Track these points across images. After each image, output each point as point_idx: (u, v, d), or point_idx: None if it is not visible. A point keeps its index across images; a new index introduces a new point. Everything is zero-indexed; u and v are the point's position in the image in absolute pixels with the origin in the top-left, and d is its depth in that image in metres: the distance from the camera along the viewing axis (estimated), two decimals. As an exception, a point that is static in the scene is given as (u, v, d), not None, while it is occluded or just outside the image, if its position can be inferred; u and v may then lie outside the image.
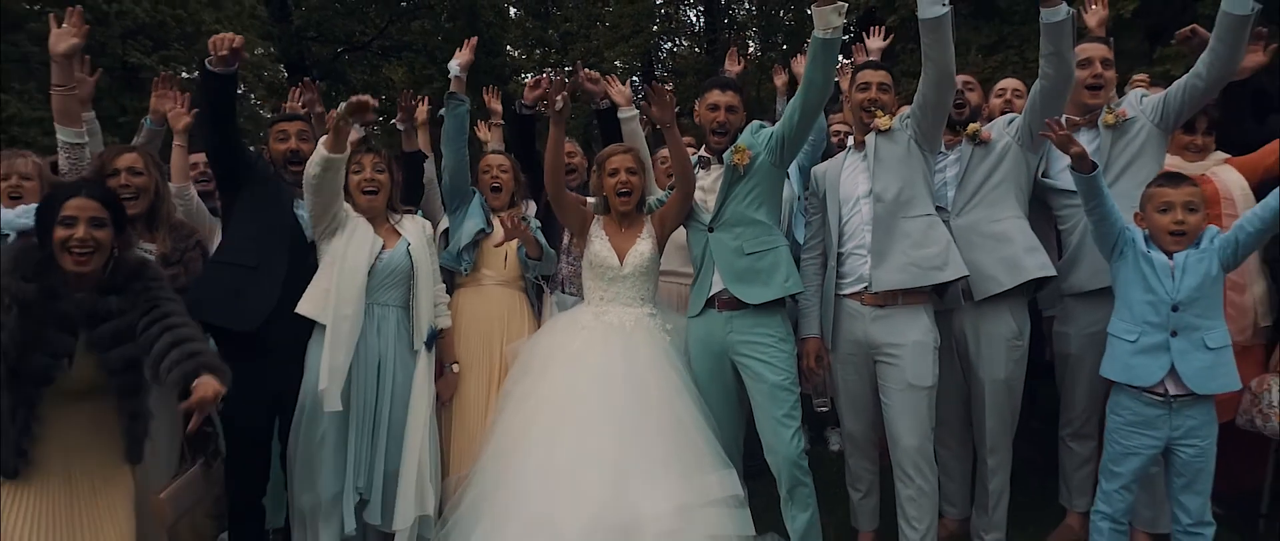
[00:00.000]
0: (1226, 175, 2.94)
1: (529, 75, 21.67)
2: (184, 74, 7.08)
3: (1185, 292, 2.32)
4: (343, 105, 2.67)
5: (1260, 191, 2.74)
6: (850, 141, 2.98)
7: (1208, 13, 8.37)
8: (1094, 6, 3.63)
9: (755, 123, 2.94)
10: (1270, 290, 2.89)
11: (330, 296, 2.68)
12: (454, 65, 3.35)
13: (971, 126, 2.99)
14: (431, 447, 2.86)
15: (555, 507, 2.54)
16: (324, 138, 2.68)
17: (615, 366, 2.78)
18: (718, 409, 2.81)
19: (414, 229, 2.93)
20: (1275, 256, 2.88)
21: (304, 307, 2.68)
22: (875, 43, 3.39)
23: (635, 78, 22.29)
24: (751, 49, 21.13)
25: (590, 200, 3.08)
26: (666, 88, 2.94)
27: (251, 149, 3.27)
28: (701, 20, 21.63)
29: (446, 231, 3.26)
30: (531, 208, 3.54)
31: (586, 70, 3.61)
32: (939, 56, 2.62)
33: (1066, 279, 2.93)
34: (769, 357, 2.69)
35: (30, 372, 2.02)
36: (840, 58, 3.03)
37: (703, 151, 2.99)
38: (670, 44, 22.09)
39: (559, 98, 2.79)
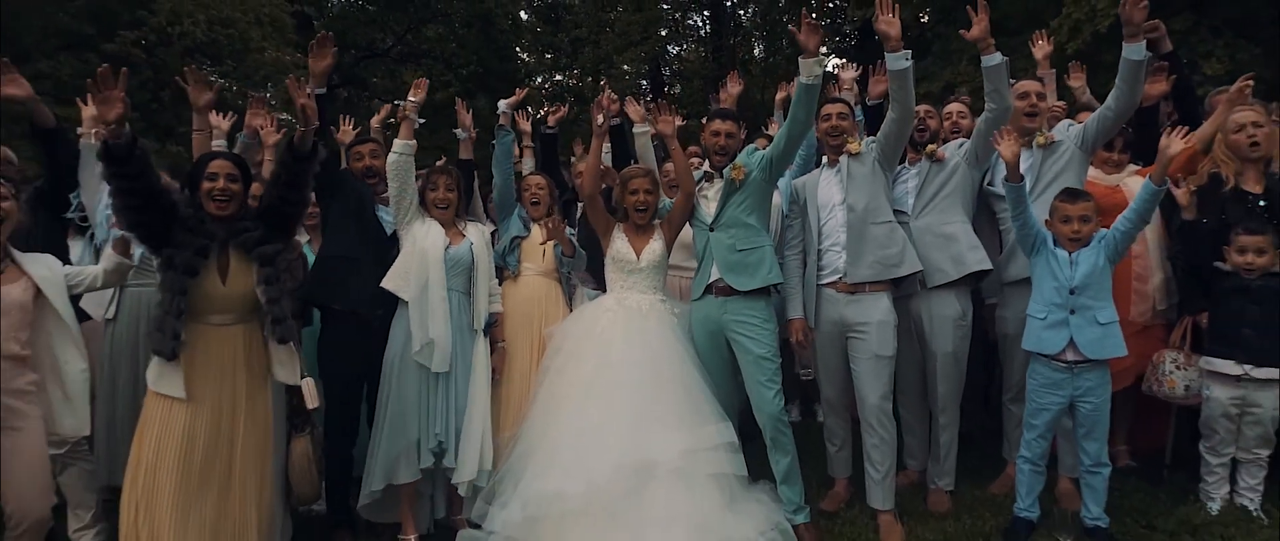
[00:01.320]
0: (1135, 185, 3.57)
1: (540, 78, 22.29)
2: (235, 88, 7.86)
3: (1079, 279, 2.97)
4: (410, 109, 3.51)
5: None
6: (824, 160, 3.63)
7: (1180, 28, 9.00)
8: (1040, 42, 4.29)
9: (750, 146, 3.60)
10: (1167, 280, 3.54)
11: (409, 276, 3.36)
12: (503, 104, 4.00)
13: (930, 147, 3.64)
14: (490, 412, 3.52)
15: (587, 455, 3.19)
16: (401, 130, 3.49)
17: (634, 341, 3.43)
18: (716, 375, 3.47)
19: (476, 232, 3.60)
20: (1174, 254, 3.52)
21: (387, 283, 3.37)
22: (847, 75, 4.05)
23: (643, 81, 22.94)
24: (757, 52, 21.68)
25: None
26: (671, 107, 3.64)
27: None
28: (707, 26, 22.16)
29: (494, 234, 3.94)
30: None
31: (609, 92, 4.28)
32: (903, 100, 3.28)
33: (1005, 270, 3.58)
34: (755, 334, 3.34)
35: (182, 265, 2.71)
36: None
37: (707, 167, 3.65)
38: (677, 48, 22.60)
39: (600, 116, 3.48)
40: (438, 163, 4.05)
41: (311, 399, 3.07)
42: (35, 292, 2.93)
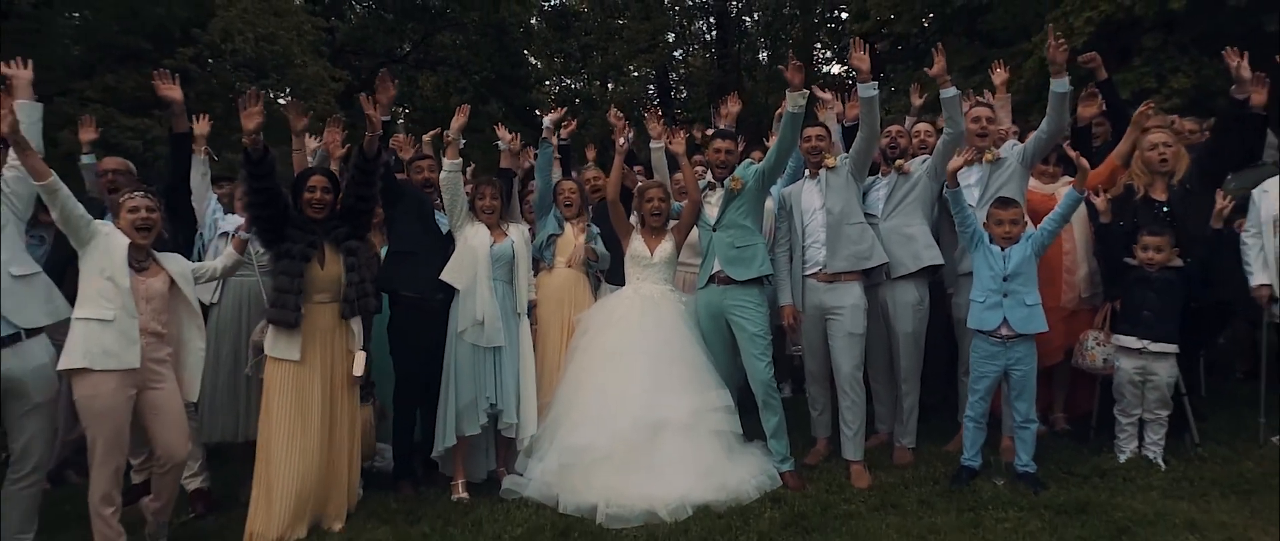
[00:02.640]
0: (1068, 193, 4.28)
1: (548, 82, 22.98)
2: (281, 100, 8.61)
3: (1010, 269, 3.68)
4: (454, 133, 4.21)
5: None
6: (806, 172, 4.35)
7: (1151, 45, 9.66)
8: (998, 71, 4.99)
9: (747, 161, 4.33)
10: (1092, 273, 4.24)
11: (463, 269, 4.08)
12: (547, 120, 4.71)
13: (898, 162, 4.35)
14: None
15: (611, 414, 3.91)
16: (447, 152, 4.18)
17: (648, 322, 4.17)
18: (717, 352, 4.19)
19: (516, 231, 4.32)
20: (1098, 252, 4.23)
21: (445, 275, 4.09)
22: (827, 96, 4.78)
23: (651, 86, 23.60)
24: (762, 58, 22.33)
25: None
26: (681, 131, 4.37)
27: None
28: (713, 32, 22.80)
29: (531, 230, 4.66)
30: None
31: (615, 112, 5.00)
32: (870, 122, 4.00)
33: (960, 265, 4.28)
34: (749, 316, 4.06)
35: (298, 253, 3.52)
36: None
37: (710, 177, 4.37)
38: (682, 52, 23.22)
39: (621, 139, 4.21)
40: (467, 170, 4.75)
41: (358, 367, 3.79)
42: (170, 283, 3.64)
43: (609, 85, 23.33)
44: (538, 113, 22.33)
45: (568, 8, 22.14)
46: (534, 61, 22.11)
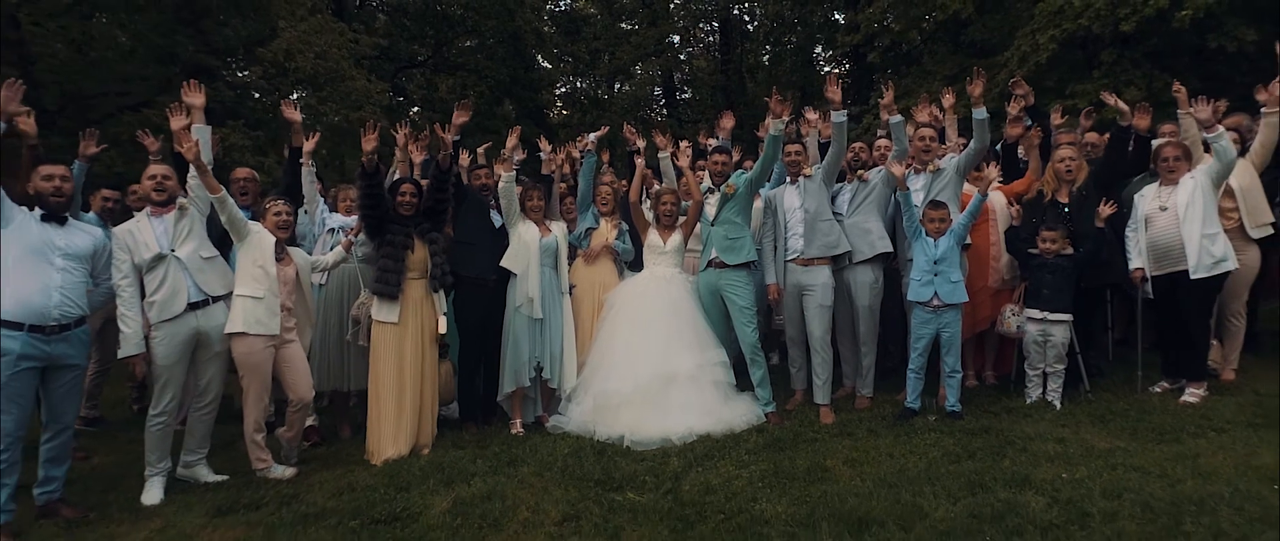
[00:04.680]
0: (994, 197, 5.40)
1: (558, 83, 23.97)
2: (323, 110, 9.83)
3: (939, 254, 4.81)
4: (508, 151, 5.29)
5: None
6: (787, 179, 5.49)
7: (1107, 60, 10.71)
8: (948, 95, 6.10)
9: (739, 170, 5.46)
10: (1012, 260, 5.37)
11: (518, 258, 5.22)
12: (592, 137, 5.85)
13: (859, 172, 5.49)
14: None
15: (633, 366, 5.06)
16: (499, 165, 5.28)
17: (661, 297, 5.32)
18: (715, 321, 5.34)
19: (557, 227, 5.46)
20: (1007, 246, 5.36)
21: (504, 263, 5.23)
22: (812, 114, 5.93)
23: (656, 88, 24.60)
24: (765, 60, 23.36)
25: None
26: (688, 145, 5.50)
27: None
28: (717, 36, 23.83)
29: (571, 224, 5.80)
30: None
31: (630, 129, 6.12)
32: (839, 141, 5.13)
33: (908, 252, 5.40)
34: (740, 293, 5.20)
35: (400, 243, 4.65)
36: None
37: (709, 182, 5.50)
38: (686, 55, 24.23)
39: (640, 155, 5.34)
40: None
41: (443, 325, 4.93)
42: (296, 272, 4.76)
43: (616, 86, 24.39)
44: (547, 113, 23.46)
45: (577, 12, 23.21)
46: (545, 64, 23.20)
